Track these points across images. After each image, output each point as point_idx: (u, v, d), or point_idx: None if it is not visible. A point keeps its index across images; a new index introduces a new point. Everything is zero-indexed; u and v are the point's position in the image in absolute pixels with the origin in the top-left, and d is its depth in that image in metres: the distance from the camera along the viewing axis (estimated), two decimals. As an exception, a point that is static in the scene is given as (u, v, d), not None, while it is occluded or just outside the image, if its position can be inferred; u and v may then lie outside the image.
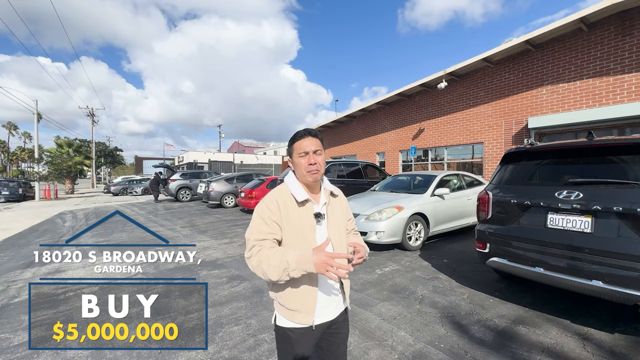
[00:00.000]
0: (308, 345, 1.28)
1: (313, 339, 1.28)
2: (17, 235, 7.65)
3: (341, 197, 1.46)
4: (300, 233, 1.25)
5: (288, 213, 1.25)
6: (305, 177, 1.27)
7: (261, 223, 1.24)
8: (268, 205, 1.26)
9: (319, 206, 1.32)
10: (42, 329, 2.87)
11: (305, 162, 1.25)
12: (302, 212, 1.27)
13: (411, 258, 4.90)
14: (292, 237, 1.24)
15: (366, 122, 15.60)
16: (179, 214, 10.86)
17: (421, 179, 6.54)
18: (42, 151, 24.13)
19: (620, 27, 7.37)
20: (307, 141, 1.26)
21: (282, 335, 1.30)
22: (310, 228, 1.27)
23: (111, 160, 47.79)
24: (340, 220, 1.38)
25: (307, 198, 1.28)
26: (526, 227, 3.08)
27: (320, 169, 1.27)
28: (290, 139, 1.32)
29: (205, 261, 4.97)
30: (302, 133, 1.28)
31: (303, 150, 1.25)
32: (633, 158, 2.65)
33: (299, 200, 1.26)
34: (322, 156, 1.29)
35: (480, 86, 10.44)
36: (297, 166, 1.28)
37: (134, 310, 3.18)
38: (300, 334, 1.26)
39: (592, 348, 2.39)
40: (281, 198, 1.28)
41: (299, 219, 1.26)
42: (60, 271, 4.62)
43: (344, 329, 1.39)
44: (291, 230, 1.24)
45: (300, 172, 1.28)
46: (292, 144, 1.29)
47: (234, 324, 2.89)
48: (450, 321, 2.87)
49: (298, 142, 1.27)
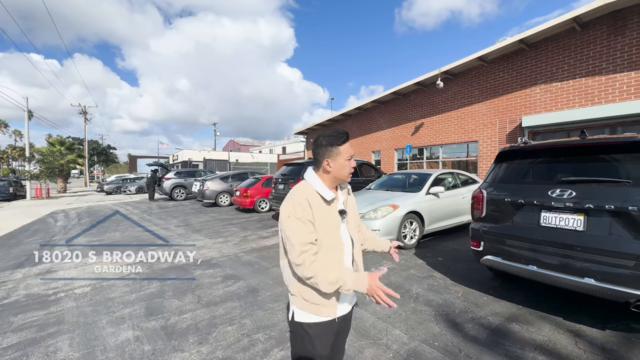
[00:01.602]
0: (328, 340, 1.30)
1: (333, 334, 1.31)
2: (7, 235, 7.52)
3: (352, 194, 1.54)
4: (329, 231, 1.29)
5: (319, 211, 1.27)
6: (346, 178, 1.36)
7: (301, 225, 1.22)
8: (301, 204, 1.24)
9: (340, 204, 1.38)
10: (33, 330, 2.82)
11: (350, 165, 1.34)
12: (330, 210, 1.31)
13: (406, 256, 4.91)
14: (322, 235, 1.26)
15: (362, 121, 15.61)
16: (174, 213, 10.77)
17: (416, 178, 6.56)
18: (34, 150, 23.74)
19: (613, 27, 7.45)
20: (350, 144, 1.34)
21: (302, 332, 1.30)
22: (336, 225, 1.32)
23: (104, 159, 47.22)
24: (354, 215, 1.48)
25: (334, 197, 1.33)
26: (520, 226, 3.10)
27: None
28: (331, 141, 1.30)
29: (200, 261, 4.93)
30: (347, 136, 1.33)
31: (351, 154, 1.33)
32: (625, 157, 2.68)
33: (328, 199, 1.29)
34: None
35: (474, 85, 10.49)
36: (343, 168, 1.32)
37: (126, 311, 3.15)
38: (321, 328, 1.28)
39: (583, 345, 2.42)
40: (310, 196, 1.28)
41: (328, 216, 1.29)
42: (52, 271, 4.55)
43: (350, 323, 1.48)
44: (321, 228, 1.26)
45: (344, 173, 1.33)
46: (339, 146, 1.30)
47: (228, 323, 2.87)
48: (445, 319, 2.88)
49: (346, 145, 1.32)
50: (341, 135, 1.30)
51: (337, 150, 1.29)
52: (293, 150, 36.24)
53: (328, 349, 1.31)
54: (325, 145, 1.30)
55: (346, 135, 1.32)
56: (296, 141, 37.54)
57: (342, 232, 1.35)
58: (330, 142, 1.30)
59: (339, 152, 1.29)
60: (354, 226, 1.44)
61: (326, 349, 1.30)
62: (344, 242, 1.35)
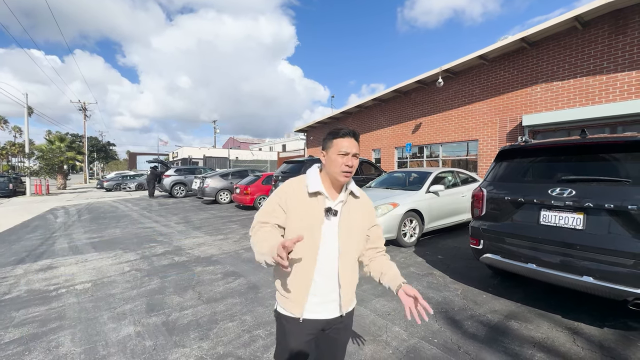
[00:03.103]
0: (300, 338, 1.26)
1: (304, 334, 1.27)
2: (8, 232, 7.53)
3: (365, 200, 1.39)
4: (307, 224, 1.23)
5: (297, 201, 1.25)
6: (337, 175, 1.24)
7: (268, 205, 1.30)
8: (280, 190, 1.31)
9: (333, 202, 1.28)
10: (34, 325, 2.84)
11: (342, 162, 1.22)
12: (312, 203, 1.25)
13: (406, 254, 4.93)
14: (297, 226, 1.23)
15: (362, 119, 15.60)
16: (174, 210, 10.78)
17: (416, 176, 6.57)
18: (33, 146, 23.70)
19: (614, 26, 7.43)
20: (350, 142, 1.24)
21: (279, 323, 1.32)
22: (318, 221, 1.24)
23: (104, 156, 47.18)
24: (355, 222, 1.31)
25: (319, 190, 1.25)
26: (519, 224, 3.11)
27: (353, 172, 1.26)
28: (332, 133, 1.27)
29: (200, 257, 4.94)
30: (347, 132, 1.25)
31: (345, 150, 1.22)
32: (625, 156, 2.69)
33: (310, 190, 1.25)
34: (358, 160, 1.27)
35: (475, 83, 10.48)
36: (333, 163, 1.24)
37: (127, 307, 3.17)
38: (289, 322, 1.27)
39: (581, 342, 2.44)
40: (296, 185, 1.29)
41: (308, 209, 1.24)
42: (52, 267, 4.57)
43: (343, 336, 1.36)
44: (296, 218, 1.23)
45: (334, 169, 1.24)
46: (333, 139, 1.25)
47: (228, 320, 2.88)
48: (444, 316, 2.90)
49: (341, 139, 1.24)
50: (341, 129, 1.26)
51: (331, 143, 1.26)
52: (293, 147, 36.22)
53: (301, 346, 1.27)
54: (325, 138, 1.30)
55: (350, 132, 1.26)
56: (296, 139, 37.49)
57: (325, 231, 1.24)
58: (329, 134, 1.29)
59: (332, 145, 1.25)
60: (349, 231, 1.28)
61: (298, 346, 1.26)
62: (320, 242, 1.23)
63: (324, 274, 1.25)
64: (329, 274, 1.26)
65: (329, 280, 1.26)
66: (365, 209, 1.38)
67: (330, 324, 1.30)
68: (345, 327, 1.36)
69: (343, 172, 1.23)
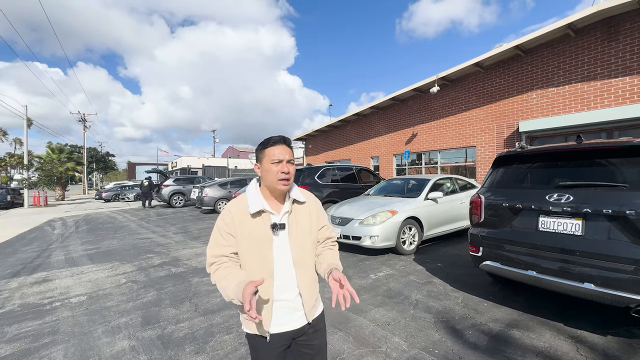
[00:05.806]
0: (271, 354, 1.24)
1: (275, 349, 1.24)
2: (4, 244, 7.46)
3: (311, 203, 1.36)
4: (256, 245, 1.21)
5: (242, 224, 1.21)
6: (275, 185, 1.22)
7: (218, 236, 1.24)
8: (223, 217, 1.25)
9: (278, 216, 1.25)
10: (27, 340, 2.78)
11: (277, 170, 1.20)
12: (258, 223, 1.22)
13: (405, 262, 4.89)
14: (247, 249, 1.21)
15: (360, 127, 15.67)
16: (172, 220, 10.73)
17: (415, 183, 6.56)
18: (32, 157, 23.72)
19: (606, 33, 7.55)
20: (281, 149, 1.22)
21: (250, 343, 1.30)
22: (267, 240, 1.21)
23: (103, 166, 47.17)
24: (304, 229, 1.29)
25: (261, 209, 1.22)
26: (518, 231, 3.09)
27: (291, 178, 1.24)
28: (262, 143, 1.25)
29: (198, 268, 4.89)
30: (277, 139, 1.24)
31: (277, 158, 1.20)
32: (621, 161, 2.68)
33: (252, 211, 1.21)
34: (294, 166, 1.25)
35: (472, 91, 10.58)
36: (268, 173, 1.21)
37: (122, 320, 3.11)
38: (261, 342, 1.24)
39: (585, 351, 2.39)
40: (237, 208, 1.24)
41: (254, 229, 1.21)
42: (47, 280, 4.50)
43: (317, 340, 1.32)
44: (245, 241, 1.21)
45: (271, 179, 1.22)
46: (264, 149, 1.23)
47: (225, 332, 2.83)
48: (445, 326, 2.85)
49: (272, 148, 1.22)
50: (271, 138, 1.24)
51: (263, 153, 1.23)
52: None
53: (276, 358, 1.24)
54: (256, 149, 1.28)
55: (280, 138, 1.24)
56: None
57: (275, 247, 1.22)
58: (260, 145, 1.26)
59: (264, 155, 1.23)
60: (301, 240, 1.27)
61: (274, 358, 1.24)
62: (273, 260, 1.21)
63: (284, 288, 1.24)
64: (288, 287, 1.24)
65: (289, 293, 1.25)
66: (313, 211, 1.35)
67: (299, 332, 1.28)
68: (317, 331, 1.33)
69: (280, 180, 1.21)
